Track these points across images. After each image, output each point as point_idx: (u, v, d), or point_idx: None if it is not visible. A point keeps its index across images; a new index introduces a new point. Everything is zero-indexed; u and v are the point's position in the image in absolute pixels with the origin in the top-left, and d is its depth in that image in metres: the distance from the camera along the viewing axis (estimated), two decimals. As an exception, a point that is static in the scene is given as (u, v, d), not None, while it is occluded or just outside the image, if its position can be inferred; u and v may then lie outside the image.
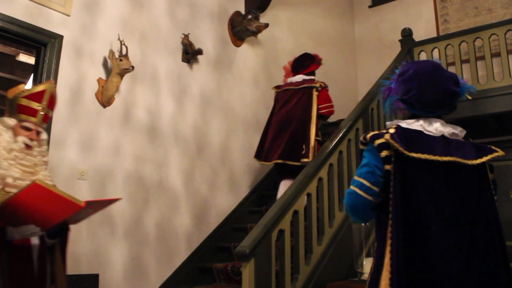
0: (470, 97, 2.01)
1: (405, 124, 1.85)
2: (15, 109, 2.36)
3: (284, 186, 4.35)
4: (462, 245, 1.70)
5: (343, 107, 5.91)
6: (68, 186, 3.64)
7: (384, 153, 1.76)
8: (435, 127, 1.85)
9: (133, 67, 3.97)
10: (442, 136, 1.84)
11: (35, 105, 2.38)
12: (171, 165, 4.48)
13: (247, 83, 5.61)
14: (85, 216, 2.36)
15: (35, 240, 2.22)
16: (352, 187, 1.81)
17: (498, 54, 5.46)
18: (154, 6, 4.65)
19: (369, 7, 7.93)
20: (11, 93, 2.45)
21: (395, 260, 1.65)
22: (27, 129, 2.35)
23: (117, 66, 3.94)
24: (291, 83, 4.75)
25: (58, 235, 2.35)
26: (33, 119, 2.37)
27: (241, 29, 5.38)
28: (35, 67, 3.73)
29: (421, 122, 1.84)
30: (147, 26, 4.53)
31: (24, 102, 2.37)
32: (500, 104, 5.27)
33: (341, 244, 3.78)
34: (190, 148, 4.70)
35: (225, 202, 4.91)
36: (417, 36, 6.15)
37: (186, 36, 4.81)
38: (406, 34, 5.98)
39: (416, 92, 1.85)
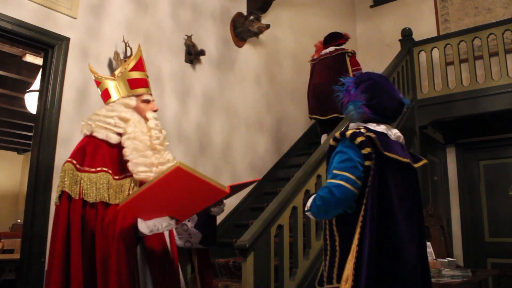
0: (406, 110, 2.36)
1: (371, 126, 2.07)
2: (127, 85, 2.16)
3: (323, 138, 5.21)
4: (415, 233, 1.99)
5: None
6: (75, 184, 3.76)
7: (366, 150, 1.95)
8: (394, 132, 2.13)
9: (137, 68, 4.08)
10: (398, 141, 2.12)
11: (143, 74, 2.22)
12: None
13: (249, 83, 5.72)
14: (219, 203, 2.15)
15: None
16: (337, 181, 1.92)
17: (496, 54, 5.54)
18: (158, 8, 4.76)
19: (371, 6, 8.01)
20: (100, 74, 2.28)
21: (368, 248, 1.83)
22: (147, 101, 2.19)
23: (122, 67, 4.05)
24: (325, 53, 5.38)
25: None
26: (145, 89, 2.20)
27: (243, 30, 5.49)
28: (43, 68, 3.85)
29: (383, 126, 2.09)
30: (151, 28, 4.65)
31: (134, 75, 2.18)
32: (499, 102, 5.35)
33: (339, 239, 3.88)
34: (193, 147, 4.82)
35: (227, 200, 5.01)
36: (418, 36, 6.23)
37: (189, 37, 4.92)
38: (406, 34, 6.07)
39: (378, 100, 2.10)
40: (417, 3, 7.45)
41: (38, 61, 6.01)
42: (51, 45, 3.79)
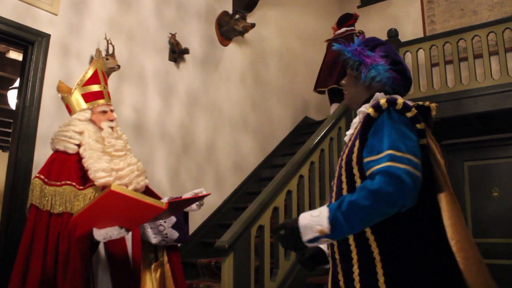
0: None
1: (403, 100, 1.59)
2: (83, 99, 2.38)
3: (333, 107, 5.59)
4: None
5: (330, 106, 6.00)
6: (54, 182, 3.71)
7: (421, 125, 1.52)
8: None
9: (119, 66, 4.04)
10: None
11: (97, 87, 2.41)
12: (157, 163, 4.56)
13: (234, 82, 5.69)
14: (170, 215, 2.30)
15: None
16: (404, 166, 1.38)
17: (480, 55, 5.57)
18: (142, 5, 4.72)
19: (358, 7, 8.01)
20: (65, 90, 2.47)
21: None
22: (103, 112, 2.39)
23: (103, 65, 4.01)
24: (337, 34, 5.97)
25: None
26: (102, 101, 2.40)
27: (228, 28, 5.46)
28: (22, 65, 3.79)
29: (409, 101, 1.61)
30: (134, 26, 4.60)
31: (87, 89, 2.39)
32: (483, 104, 5.37)
33: (321, 240, 3.87)
34: (176, 146, 4.78)
35: (210, 199, 4.99)
36: (405, 36, 6.25)
37: (173, 36, 4.88)
38: (392, 34, 6.07)
39: (403, 67, 1.72)
40: (404, 4, 7.47)
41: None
42: (31, 42, 3.74)
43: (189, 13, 5.24)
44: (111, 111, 2.43)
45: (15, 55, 6.71)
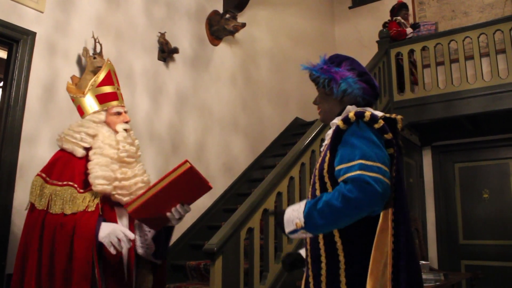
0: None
1: (372, 110, 1.72)
2: (97, 100, 2.32)
3: None
4: None
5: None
6: (39, 184, 3.63)
7: (388, 136, 1.61)
8: None
9: (106, 65, 3.97)
10: None
11: (110, 88, 2.35)
12: (146, 163, 4.46)
13: (224, 82, 5.63)
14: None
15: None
16: (374, 174, 1.47)
17: (471, 57, 5.57)
18: (131, 4, 4.64)
19: (349, 8, 8.00)
20: (75, 91, 2.42)
21: (406, 253, 1.54)
22: (118, 114, 2.32)
23: (91, 64, 3.93)
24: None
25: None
26: (115, 102, 2.34)
27: (219, 28, 5.41)
28: (7, 63, 3.70)
29: (379, 112, 1.74)
30: (123, 24, 4.53)
31: (103, 89, 2.33)
32: (474, 105, 5.38)
33: (311, 242, 3.83)
34: (165, 147, 4.71)
35: (199, 200, 4.90)
36: (396, 38, 6.22)
37: (162, 35, 4.82)
38: (383, 35, 6.05)
39: (369, 77, 1.81)
40: (396, 5, 7.45)
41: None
42: (15, 40, 3.65)
43: (179, 12, 5.18)
44: (125, 112, 2.36)
45: (1, 53, 6.60)
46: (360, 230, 1.57)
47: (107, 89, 2.34)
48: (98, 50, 4.08)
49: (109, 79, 2.38)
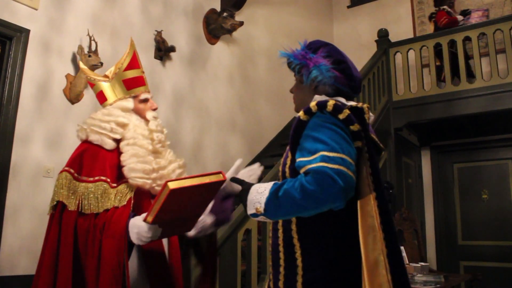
0: None
1: (344, 101, 1.62)
2: (123, 86, 2.03)
3: None
4: None
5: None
6: (33, 184, 3.57)
7: (355, 127, 1.48)
8: None
9: (101, 63, 3.91)
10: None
11: (138, 71, 2.09)
12: (142, 163, 4.42)
13: (221, 81, 5.57)
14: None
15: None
16: (335, 166, 1.36)
17: (471, 57, 5.53)
18: (127, 1, 4.58)
19: (348, 7, 7.95)
20: (97, 75, 2.13)
21: (395, 253, 1.43)
22: (145, 100, 2.06)
23: (86, 62, 3.87)
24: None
25: None
26: (143, 87, 2.08)
27: (216, 26, 5.35)
28: None
29: (352, 102, 1.62)
30: (119, 22, 4.47)
31: (130, 74, 2.05)
32: (473, 105, 5.33)
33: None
34: (161, 146, 4.65)
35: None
36: (395, 37, 6.18)
37: (159, 33, 4.76)
38: (382, 34, 6.00)
39: (346, 66, 1.67)
40: (394, 4, 7.42)
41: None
42: (9, 37, 3.59)
43: (176, 10, 5.12)
44: (151, 97, 2.11)
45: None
46: (319, 229, 1.48)
47: (133, 73, 2.07)
48: (93, 48, 4.02)
49: (135, 61, 2.10)
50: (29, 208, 3.52)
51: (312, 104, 1.51)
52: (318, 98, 1.62)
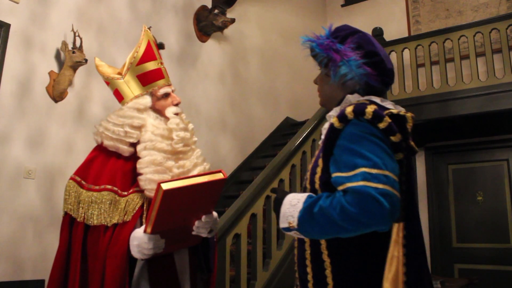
0: None
1: (379, 101, 1.43)
2: (138, 82, 1.84)
3: None
4: None
5: (313, 106, 5.79)
6: (13, 186, 3.42)
7: (397, 138, 1.32)
8: (399, 110, 1.45)
9: (86, 60, 3.75)
10: None
11: (154, 64, 1.87)
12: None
13: (212, 80, 5.44)
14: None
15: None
16: (381, 185, 1.21)
17: (467, 57, 5.44)
18: (114, -3, 4.43)
19: (342, 6, 7.85)
20: (109, 72, 1.93)
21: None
22: (165, 95, 1.86)
23: (70, 59, 3.73)
24: None
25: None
26: (162, 81, 1.87)
27: (207, 24, 5.22)
28: (-22, 57, 3.49)
29: (388, 102, 1.46)
30: (105, 18, 4.31)
31: (145, 68, 1.85)
32: (469, 106, 5.25)
33: (302, 248, 3.65)
34: (149, 147, 4.50)
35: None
36: (389, 36, 6.08)
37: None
38: (377, 33, 5.89)
39: (380, 59, 1.46)
40: (389, 3, 7.33)
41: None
42: (-12, 32, 3.43)
43: (166, 7, 4.98)
44: (173, 91, 1.90)
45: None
46: (353, 247, 1.33)
47: (150, 65, 1.85)
48: (78, 44, 3.87)
49: (150, 52, 1.88)
50: (9, 211, 3.36)
51: (348, 110, 1.33)
52: (350, 98, 1.46)
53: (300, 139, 3.86)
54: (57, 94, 3.79)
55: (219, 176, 1.61)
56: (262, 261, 3.32)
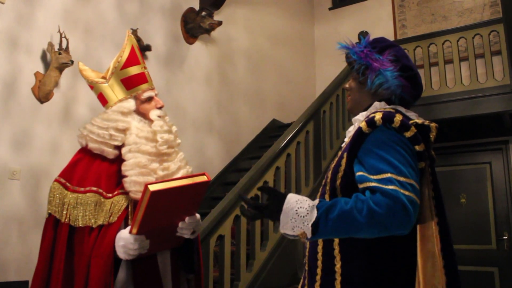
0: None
1: (404, 111, 1.49)
2: (122, 86, 1.87)
3: None
4: None
5: (300, 108, 5.84)
6: (-3, 186, 3.42)
7: (420, 147, 1.38)
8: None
9: (72, 62, 3.76)
10: None
11: (137, 69, 1.90)
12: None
13: (199, 82, 5.46)
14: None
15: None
16: (409, 193, 1.27)
17: (451, 61, 5.52)
18: (101, -2, 4.44)
19: (329, 9, 7.91)
20: (93, 76, 1.94)
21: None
22: (149, 99, 1.89)
23: (56, 60, 3.74)
24: None
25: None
26: (146, 85, 1.90)
27: (194, 26, 5.24)
28: (-36, 58, 3.48)
29: (412, 113, 1.51)
30: (92, 19, 4.32)
31: (129, 72, 1.88)
32: (452, 109, 5.33)
33: (285, 250, 3.68)
34: (135, 148, 4.52)
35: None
36: (375, 40, 6.14)
37: (134, 31, 4.62)
38: (363, 37, 5.96)
39: (414, 73, 1.56)
40: (376, 7, 7.39)
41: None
42: (-27, 32, 3.43)
43: (153, 8, 4.99)
44: (156, 95, 1.94)
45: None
46: (364, 245, 1.38)
47: (133, 70, 1.89)
48: (64, 45, 3.87)
49: (134, 57, 1.92)
50: (-7, 212, 3.36)
51: (378, 117, 1.39)
52: (377, 105, 1.53)
53: (285, 141, 3.90)
54: (43, 95, 3.79)
55: (203, 178, 1.66)
56: (246, 262, 3.35)
